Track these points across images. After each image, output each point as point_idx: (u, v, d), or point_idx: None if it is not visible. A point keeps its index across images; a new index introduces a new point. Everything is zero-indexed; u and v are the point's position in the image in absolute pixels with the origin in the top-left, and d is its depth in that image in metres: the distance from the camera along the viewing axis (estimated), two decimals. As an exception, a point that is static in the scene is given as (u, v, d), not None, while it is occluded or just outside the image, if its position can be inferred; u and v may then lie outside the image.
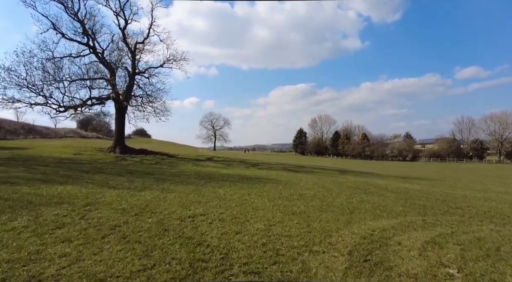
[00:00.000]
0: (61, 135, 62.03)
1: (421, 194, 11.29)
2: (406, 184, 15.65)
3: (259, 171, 16.44)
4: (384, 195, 10.38)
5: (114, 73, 23.18)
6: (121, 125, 24.84)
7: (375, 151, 79.11)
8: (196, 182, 10.54)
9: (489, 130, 62.37)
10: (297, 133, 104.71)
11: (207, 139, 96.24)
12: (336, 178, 15.56)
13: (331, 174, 18.80)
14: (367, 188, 12.08)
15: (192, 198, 7.38)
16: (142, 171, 12.99)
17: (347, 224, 5.63)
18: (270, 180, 12.21)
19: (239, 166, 19.56)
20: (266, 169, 18.57)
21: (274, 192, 9.15)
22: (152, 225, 4.79)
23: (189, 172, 13.87)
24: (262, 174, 14.68)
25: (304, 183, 11.92)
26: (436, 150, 69.96)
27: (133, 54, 24.56)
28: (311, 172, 18.75)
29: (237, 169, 16.86)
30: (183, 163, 19.17)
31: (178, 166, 16.91)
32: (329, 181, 13.56)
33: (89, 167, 13.06)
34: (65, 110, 20.68)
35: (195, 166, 17.10)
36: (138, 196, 7.26)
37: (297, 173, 17.43)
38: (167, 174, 12.60)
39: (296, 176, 15.13)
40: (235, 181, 11.40)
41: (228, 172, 14.94)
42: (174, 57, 26.35)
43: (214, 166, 18.36)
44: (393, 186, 13.45)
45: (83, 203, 6.02)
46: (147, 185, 9.13)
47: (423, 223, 5.95)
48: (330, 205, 7.63)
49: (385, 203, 8.58)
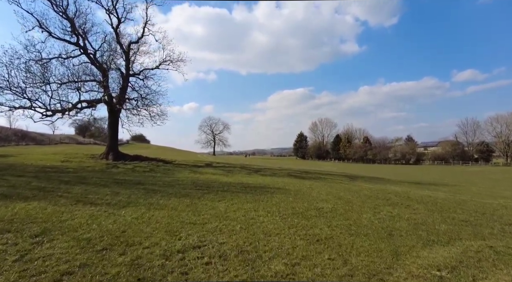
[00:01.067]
0: (56, 141, 60.37)
1: (451, 204, 9.78)
2: (425, 190, 14.15)
3: (262, 178, 14.90)
4: (411, 206, 8.86)
5: (106, 75, 21.74)
6: (115, 130, 23.35)
7: (377, 154, 77.54)
8: (192, 193, 9.00)
9: (495, 132, 61.02)
10: (298, 137, 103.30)
11: (207, 144, 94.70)
12: (348, 185, 14.03)
13: (341, 180, 17.27)
14: (387, 197, 10.56)
15: (184, 217, 5.85)
16: (132, 181, 11.44)
17: (395, 257, 4.10)
18: (277, 190, 10.68)
19: (241, 172, 18.02)
20: (270, 175, 17.04)
21: (285, 206, 7.62)
22: (121, 270, 3.26)
23: (185, 180, 12.32)
24: (266, 182, 13.15)
25: (316, 193, 10.39)
26: (440, 152, 68.43)
27: (127, 54, 23.16)
28: (318, 178, 17.22)
29: (238, 176, 15.32)
30: (180, 170, 17.63)
31: (173, 173, 15.37)
32: (342, 190, 12.03)
33: (72, 177, 11.51)
34: (52, 114, 19.18)
35: (193, 173, 15.56)
36: (117, 216, 5.72)
37: (304, 179, 15.90)
38: (160, 183, 11.06)
39: (304, 183, 13.60)
40: (238, 191, 9.86)
41: (228, 179, 13.40)
42: (170, 58, 24.97)
43: (213, 172, 16.83)
44: (415, 194, 11.93)
45: (37, 230, 4.49)
46: (132, 199, 7.60)
47: (494, 254, 4.42)
48: (359, 224, 6.10)
49: (421, 218, 7.06)
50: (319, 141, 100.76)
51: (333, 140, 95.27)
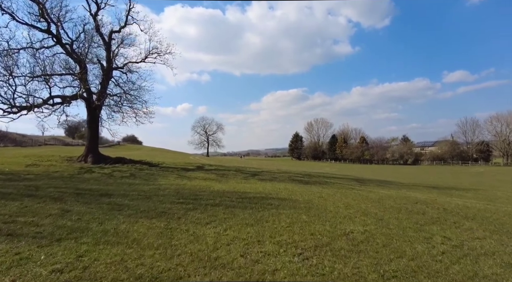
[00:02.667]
0: (40, 143, 57.05)
1: (504, 219, 7.69)
2: (451, 197, 12.09)
3: (262, 184, 12.64)
4: (460, 224, 6.72)
5: (85, 67, 19.24)
6: (94, 129, 20.87)
7: (375, 154, 76.02)
8: (171, 210, 6.68)
9: (495, 131, 59.73)
10: (293, 137, 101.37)
11: (200, 145, 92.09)
12: (363, 192, 11.87)
13: (351, 185, 15.10)
14: (420, 209, 8.42)
15: (146, 264, 3.55)
16: (99, 191, 9.05)
17: None
18: (283, 202, 8.41)
19: (236, 176, 15.72)
20: (269, 180, 14.79)
21: (301, 231, 5.37)
22: None
23: (168, 189, 9.98)
24: (268, 190, 10.88)
25: (332, 205, 8.17)
26: (439, 152, 67.06)
27: (107, 45, 20.68)
28: (324, 183, 15.03)
29: (233, 182, 13.02)
30: (166, 174, 15.26)
31: (157, 179, 13.00)
32: (360, 199, 9.85)
33: (22, 186, 9.06)
34: (18, 111, 16.59)
35: (179, 179, 13.21)
36: (28, 265, 3.39)
37: (310, 185, 13.69)
38: (133, 194, 8.69)
39: (312, 191, 11.39)
40: (233, 205, 7.57)
41: (222, 187, 11.10)
42: (157, 51, 22.59)
43: (204, 177, 14.50)
44: (447, 204, 9.85)
45: None
46: (81, 224, 5.26)
47: None
48: (425, 266, 3.89)
49: (492, 247, 4.91)
50: (315, 141, 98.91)
51: (329, 140, 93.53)
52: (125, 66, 22.11)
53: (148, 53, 22.26)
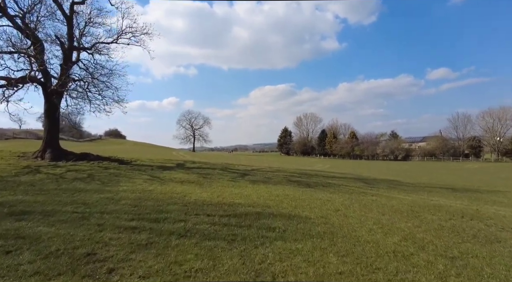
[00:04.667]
0: (8, 136, 52.10)
1: None
2: (491, 205, 9.79)
3: (254, 189, 9.92)
4: None
5: (41, 45, 15.83)
6: (53, 119, 17.50)
7: (365, 150, 74.66)
8: (104, 248, 3.86)
9: (487, 126, 59.13)
10: (282, 132, 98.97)
11: (185, 140, 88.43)
12: (382, 200, 9.37)
13: (360, 188, 12.61)
14: (479, 230, 5.95)
15: None
16: (15, 204, 6.07)
17: None
18: (288, 221, 5.70)
19: (222, 177, 12.93)
20: (263, 182, 12.09)
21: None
22: None
23: (125, 200, 7.09)
24: (263, 198, 8.17)
25: (363, 228, 5.54)
26: (430, 148, 66.24)
27: (68, 20, 17.27)
28: (329, 186, 12.48)
29: (218, 186, 10.23)
30: (134, 174, 12.30)
31: (119, 182, 10.06)
32: (390, 212, 7.29)
33: None
34: None
35: (149, 182, 10.30)
36: None
37: (313, 189, 11.09)
38: (66, 211, 5.76)
39: (319, 198, 8.77)
40: (214, 234, 4.78)
41: (201, 194, 8.29)
42: (131, 30, 19.32)
43: (182, 178, 11.64)
44: (493, 216, 7.47)
45: None
46: None
47: None
48: None
49: None
50: (304, 136, 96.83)
51: (319, 135, 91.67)
52: (94, 47, 18.82)
53: (120, 32, 19.01)
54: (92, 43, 18.76)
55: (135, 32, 19.33)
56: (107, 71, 18.60)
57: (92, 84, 18.31)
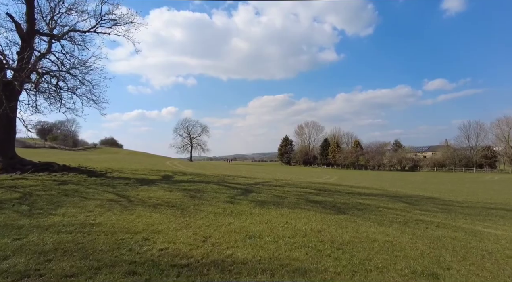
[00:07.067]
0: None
1: None
2: None
3: (264, 219, 6.50)
4: None
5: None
6: (9, 122, 14.07)
7: (370, 160, 71.11)
8: None
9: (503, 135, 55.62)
10: (283, 141, 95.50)
11: (182, 149, 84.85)
12: (460, 235, 5.96)
13: (412, 214, 9.13)
14: None
15: None
16: None
17: None
18: None
19: (216, 195, 9.47)
20: (273, 203, 8.64)
21: None
22: None
23: (19, 256, 3.67)
24: (282, 242, 4.76)
25: None
26: (440, 158, 62.74)
27: (29, 0, 14.15)
28: (365, 210, 9.02)
29: (208, 213, 6.79)
30: (96, 192, 8.84)
31: (59, 208, 6.60)
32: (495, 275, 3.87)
33: None
34: None
35: (104, 207, 6.84)
36: None
37: (347, 215, 7.65)
38: None
39: (371, 237, 5.35)
40: None
41: (177, 236, 4.86)
42: (113, 17, 16.29)
43: (158, 199, 8.18)
44: None
45: None
46: None
47: None
48: None
49: None
50: (306, 145, 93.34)
51: (321, 144, 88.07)
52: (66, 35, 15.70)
53: (99, 18, 15.90)
54: (64, 31, 15.66)
55: (117, 20, 16.30)
56: (80, 62, 15.36)
57: (62, 79, 15.07)
